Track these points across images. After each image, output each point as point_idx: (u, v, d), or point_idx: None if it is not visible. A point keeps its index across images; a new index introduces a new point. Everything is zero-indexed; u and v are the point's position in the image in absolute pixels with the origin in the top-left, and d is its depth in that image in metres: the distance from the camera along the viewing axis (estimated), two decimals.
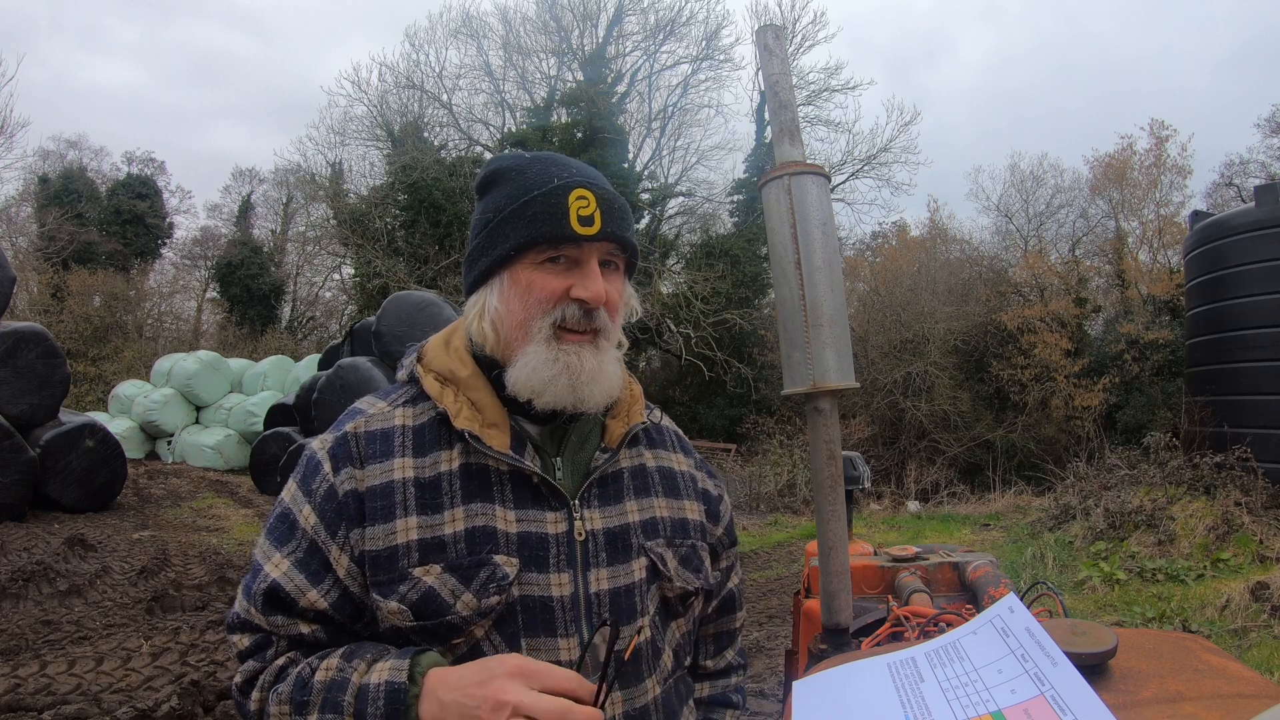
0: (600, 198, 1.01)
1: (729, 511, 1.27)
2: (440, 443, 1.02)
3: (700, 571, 1.12)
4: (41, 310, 20.50)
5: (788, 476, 14.28)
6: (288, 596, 0.97)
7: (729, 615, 1.29)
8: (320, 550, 0.98)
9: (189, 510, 10.31)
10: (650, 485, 1.12)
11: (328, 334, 25.20)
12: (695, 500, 1.18)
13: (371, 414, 1.05)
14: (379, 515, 0.97)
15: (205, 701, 3.77)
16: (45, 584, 5.81)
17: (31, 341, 8.89)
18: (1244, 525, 7.01)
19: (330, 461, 1.01)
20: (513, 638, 0.97)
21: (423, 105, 23.47)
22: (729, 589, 1.27)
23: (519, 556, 0.98)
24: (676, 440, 1.23)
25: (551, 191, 1.00)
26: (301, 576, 0.97)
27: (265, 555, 1.00)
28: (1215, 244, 8.60)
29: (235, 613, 1.02)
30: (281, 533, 1.00)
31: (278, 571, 0.98)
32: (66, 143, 26.72)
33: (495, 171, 1.08)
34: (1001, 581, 1.66)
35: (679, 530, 1.12)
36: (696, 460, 1.24)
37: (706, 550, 1.16)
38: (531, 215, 1.00)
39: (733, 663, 1.30)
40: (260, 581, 0.98)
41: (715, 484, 1.25)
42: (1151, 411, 15.25)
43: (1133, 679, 0.69)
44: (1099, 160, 20.70)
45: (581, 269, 1.01)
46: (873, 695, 0.76)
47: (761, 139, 22.94)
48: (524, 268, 1.01)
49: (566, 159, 1.08)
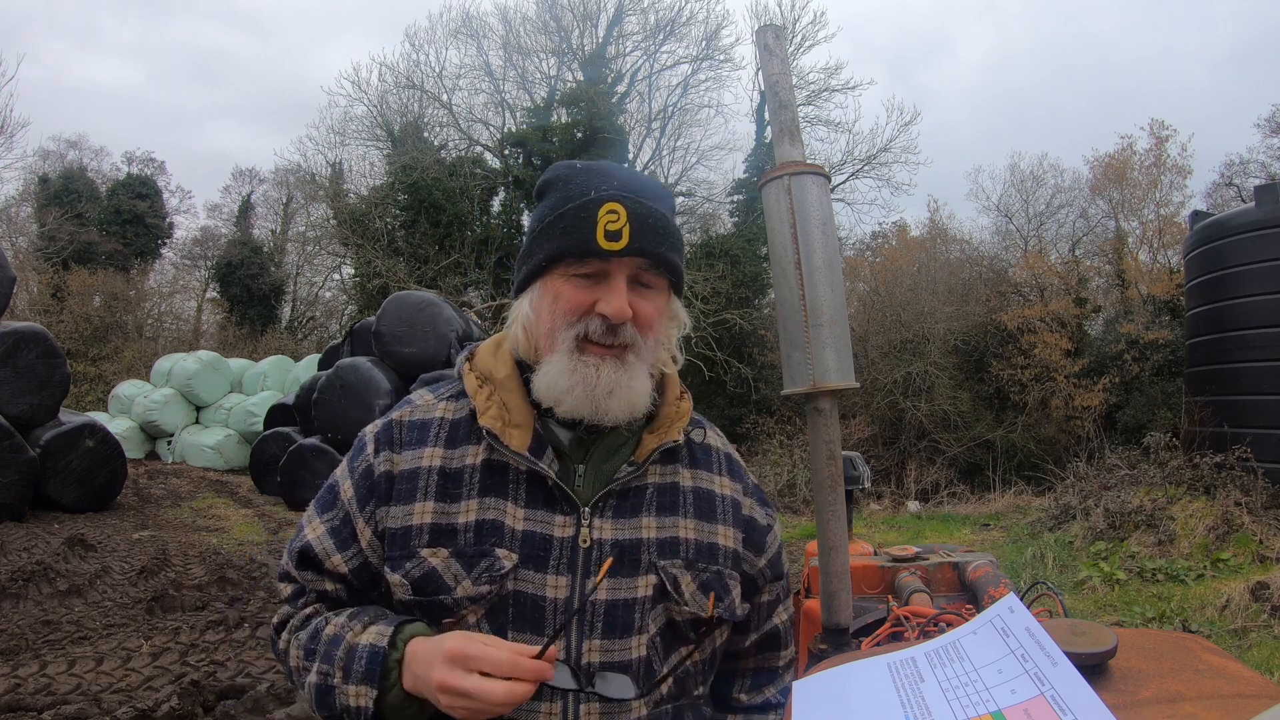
0: (633, 213, 1.01)
1: (777, 543, 1.22)
2: (471, 438, 1.07)
3: (723, 600, 1.09)
4: (41, 310, 20.49)
5: (788, 476, 14.29)
6: (316, 557, 1.08)
7: (771, 652, 1.24)
8: (351, 522, 1.07)
9: (189, 510, 10.31)
10: (679, 504, 1.10)
11: (328, 334, 25.19)
12: (733, 527, 1.14)
13: (418, 404, 1.13)
14: (402, 497, 1.05)
15: (205, 701, 3.77)
16: (45, 584, 5.80)
17: (31, 341, 8.89)
18: (1244, 525, 7.01)
19: (374, 444, 1.10)
20: (501, 629, 0.99)
21: (423, 105, 23.48)
22: (773, 624, 1.22)
23: (519, 552, 1.00)
24: (725, 462, 1.19)
25: (583, 205, 1.02)
26: (331, 541, 1.08)
27: (309, 519, 1.11)
28: (1215, 244, 8.59)
29: (282, 565, 1.15)
30: (326, 502, 1.11)
31: (313, 535, 1.10)
32: (66, 143, 26.77)
33: (547, 180, 1.10)
34: (1001, 581, 1.66)
35: (704, 554, 1.09)
36: (747, 486, 1.20)
37: (736, 579, 1.12)
38: (563, 228, 1.03)
39: (771, 700, 1.23)
40: (298, 541, 1.11)
41: (766, 513, 1.20)
42: (1151, 411, 15.25)
43: (1133, 679, 0.69)
44: (1099, 160, 20.72)
45: (608, 284, 1.02)
46: (873, 695, 0.76)
47: (761, 139, 22.94)
48: (555, 279, 1.05)
49: (616, 170, 1.08)
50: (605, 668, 1.00)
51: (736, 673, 1.22)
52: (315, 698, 1.01)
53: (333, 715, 0.99)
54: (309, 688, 1.03)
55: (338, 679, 0.98)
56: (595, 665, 1.00)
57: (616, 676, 0.99)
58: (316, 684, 1.01)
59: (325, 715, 1.00)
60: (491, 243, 21.24)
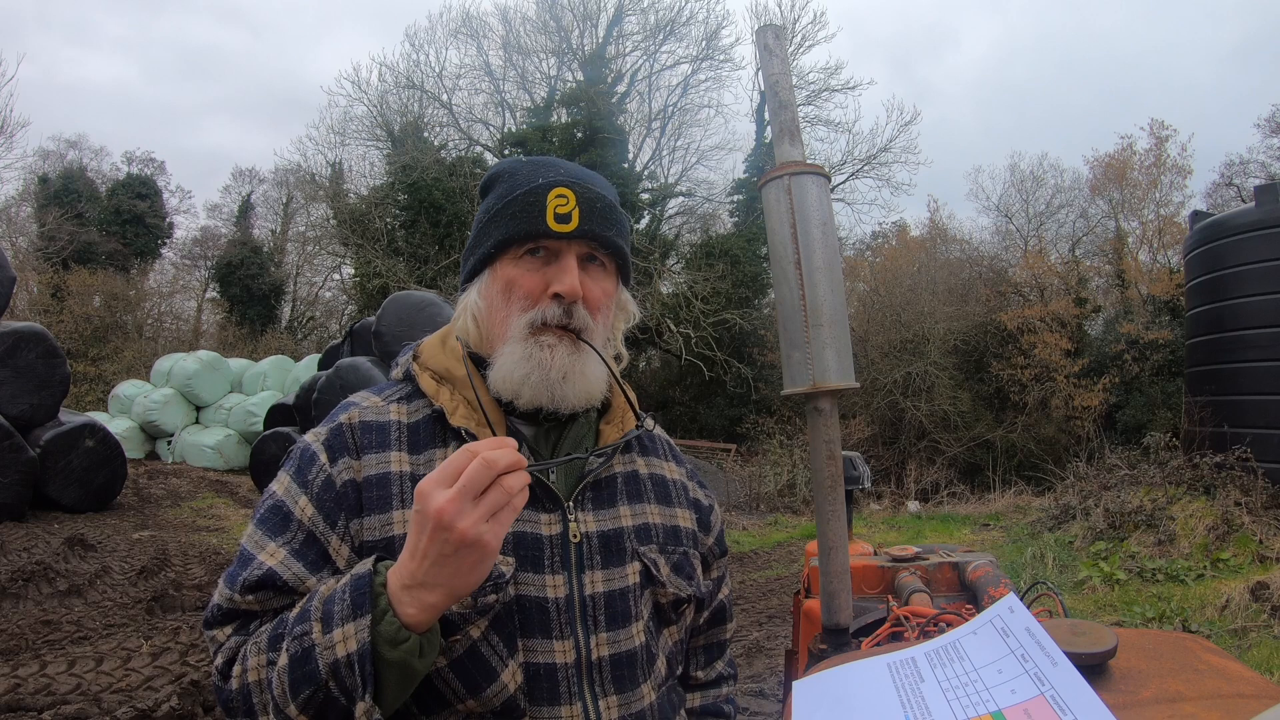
0: (581, 197, 1.03)
1: (720, 522, 1.28)
2: (435, 440, 1.03)
3: (692, 579, 1.12)
4: (41, 310, 20.49)
5: (788, 476, 14.29)
6: (285, 585, 0.93)
7: (719, 626, 1.30)
8: (319, 541, 0.95)
9: (189, 510, 10.31)
10: (643, 491, 1.12)
11: (328, 334, 25.19)
12: (687, 509, 1.18)
13: (365, 406, 1.05)
14: (375, 505, 0.96)
15: (205, 701, 3.77)
16: (45, 584, 5.80)
17: (31, 341, 8.89)
18: (1244, 525, 7.01)
19: (326, 452, 0.99)
20: (510, 638, 0.96)
21: (423, 105, 23.50)
22: (719, 600, 1.28)
23: (514, 556, 0.97)
24: (668, 448, 1.24)
25: (532, 190, 1.03)
26: (299, 565, 0.94)
27: (258, 545, 0.95)
28: (1215, 244, 8.60)
29: (216, 605, 0.96)
30: (275, 524, 0.97)
31: (274, 560, 0.93)
32: (66, 143, 26.76)
33: (492, 175, 1.11)
34: (1001, 581, 1.65)
35: (671, 537, 1.12)
36: (688, 470, 1.25)
37: (698, 558, 1.17)
38: (511, 214, 1.03)
39: (723, 673, 1.30)
40: (254, 570, 0.93)
41: (706, 494, 1.26)
42: (1151, 411, 15.26)
43: (1133, 679, 0.69)
44: (1099, 160, 20.76)
45: (558, 263, 1.03)
46: (873, 695, 0.76)
47: (761, 139, 22.95)
48: (505, 264, 1.05)
49: (562, 163, 1.09)
50: (614, 659, 1.00)
51: (691, 651, 1.26)
52: (289, 683, 0.83)
53: (315, 701, 0.83)
54: (280, 675, 0.84)
55: (316, 633, 0.83)
56: (605, 659, 1.00)
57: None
58: (288, 663, 0.84)
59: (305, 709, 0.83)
60: None
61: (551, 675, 0.96)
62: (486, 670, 0.94)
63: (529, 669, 0.96)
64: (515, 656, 0.95)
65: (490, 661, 0.95)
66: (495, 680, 0.94)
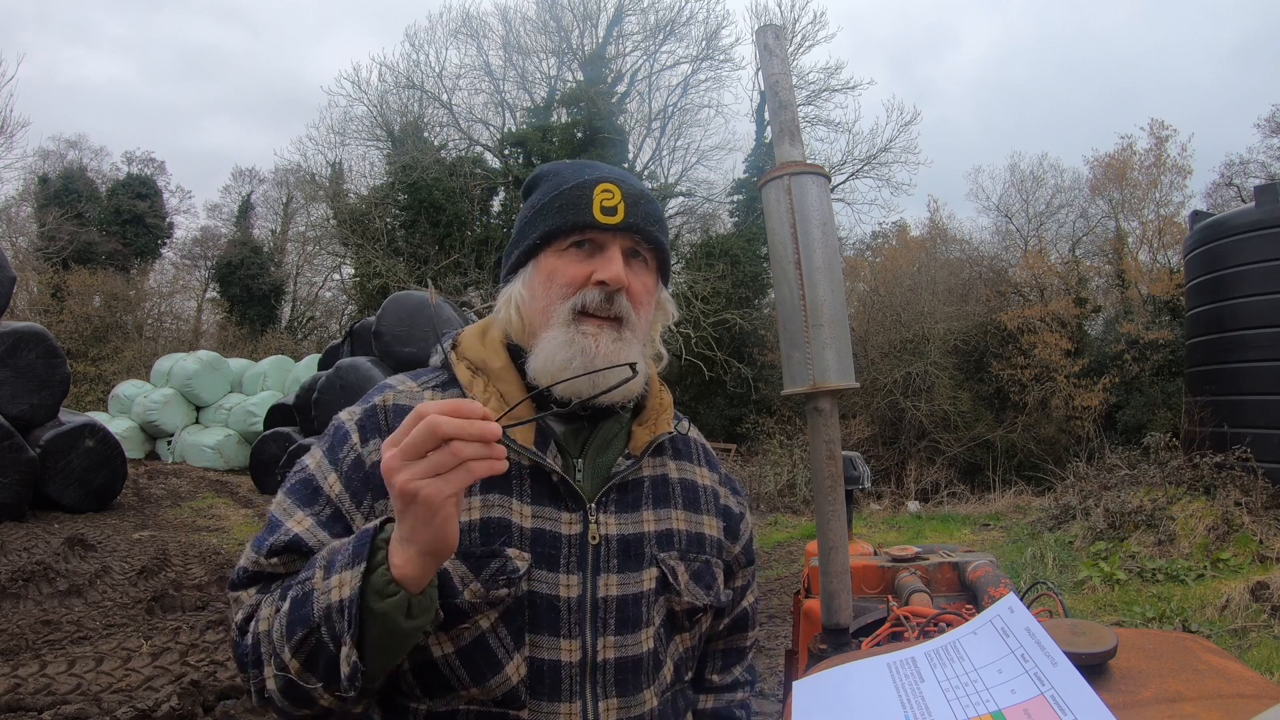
0: (626, 192, 1.05)
1: (749, 530, 1.26)
2: None
3: (711, 589, 1.12)
4: (41, 310, 20.50)
5: (788, 476, 14.28)
6: (309, 550, 0.95)
7: (740, 633, 1.28)
8: (344, 518, 0.98)
9: (189, 510, 10.31)
10: (670, 496, 1.11)
11: (328, 334, 25.20)
12: (715, 516, 1.17)
13: (400, 390, 1.06)
14: None
15: (205, 701, 3.77)
16: (45, 584, 5.81)
17: (31, 341, 8.90)
18: (1244, 525, 7.01)
19: (359, 432, 1.01)
20: (519, 632, 0.97)
21: (423, 105, 23.50)
22: (742, 607, 1.26)
23: (531, 552, 0.98)
24: (702, 453, 1.22)
25: (578, 185, 1.05)
26: (325, 533, 0.96)
27: (286, 512, 0.99)
28: (1215, 244, 8.60)
29: (241, 568, 0.98)
30: (304, 495, 1.00)
31: (300, 527, 0.96)
32: (66, 143, 26.79)
33: (537, 175, 1.13)
34: (1001, 581, 1.65)
35: (694, 545, 1.11)
36: (721, 475, 1.23)
37: (720, 567, 1.15)
38: (558, 208, 1.04)
39: (740, 679, 1.28)
40: (280, 535, 0.96)
41: (738, 501, 1.24)
42: (1151, 411, 15.27)
43: (1133, 679, 0.69)
44: (1099, 160, 20.75)
45: (603, 254, 1.04)
46: (873, 695, 0.76)
47: (761, 139, 22.94)
48: (549, 256, 1.06)
49: (607, 166, 1.11)
50: (619, 663, 1.00)
51: (708, 654, 1.25)
52: (286, 625, 0.86)
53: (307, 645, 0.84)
54: (281, 619, 0.86)
55: (318, 579, 0.84)
56: (610, 662, 1.00)
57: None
58: (288, 607, 0.86)
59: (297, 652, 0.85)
60: (491, 242, 21.26)
61: (555, 672, 0.97)
62: (492, 661, 0.96)
63: (533, 664, 0.97)
64: (521, 650, 0.96)
65: (497, 653, 0.96)
66: (499, 671, 0.95)
